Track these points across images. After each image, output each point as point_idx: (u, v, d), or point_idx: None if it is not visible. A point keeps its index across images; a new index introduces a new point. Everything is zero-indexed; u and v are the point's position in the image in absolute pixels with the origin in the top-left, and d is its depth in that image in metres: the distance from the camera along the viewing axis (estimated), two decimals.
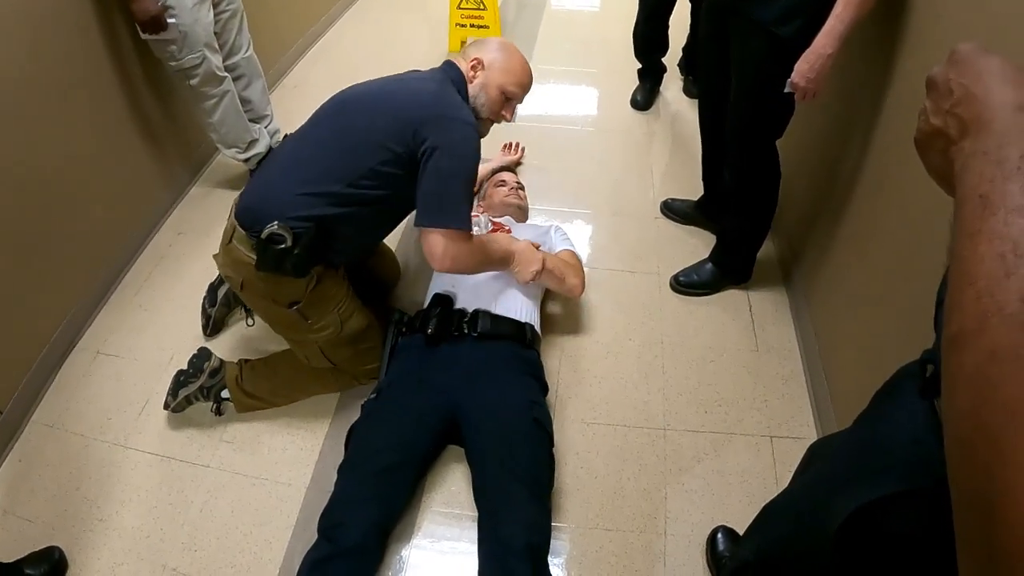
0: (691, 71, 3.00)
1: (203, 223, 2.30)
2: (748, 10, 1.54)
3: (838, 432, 0.98)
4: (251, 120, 2.37)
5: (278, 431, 1.71)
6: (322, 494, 1.48)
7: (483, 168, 2.38)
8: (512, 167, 2.54)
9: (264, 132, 2.42)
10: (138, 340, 1.95)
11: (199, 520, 1.54)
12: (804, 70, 1.45)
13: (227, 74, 2.18)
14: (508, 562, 1.30)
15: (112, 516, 1.54)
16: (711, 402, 1.77)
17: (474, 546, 1.39)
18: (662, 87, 3.02)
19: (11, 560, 1.41)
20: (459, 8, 3.29)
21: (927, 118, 0.47)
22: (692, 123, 2.60)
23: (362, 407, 1.58)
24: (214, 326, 1.94)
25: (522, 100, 1.66)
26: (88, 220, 1.97)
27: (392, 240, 2.00)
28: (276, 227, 1.42)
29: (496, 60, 1.59)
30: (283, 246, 1.42)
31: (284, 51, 3.23)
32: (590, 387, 1.81)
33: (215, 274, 1.87)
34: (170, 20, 1.92)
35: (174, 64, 2.03)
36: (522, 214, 2.20)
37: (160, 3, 1.88)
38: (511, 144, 2.63)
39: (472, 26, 3.33)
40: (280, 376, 1.71)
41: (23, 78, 1.70)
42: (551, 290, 1.91)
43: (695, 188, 2.27)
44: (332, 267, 1.58)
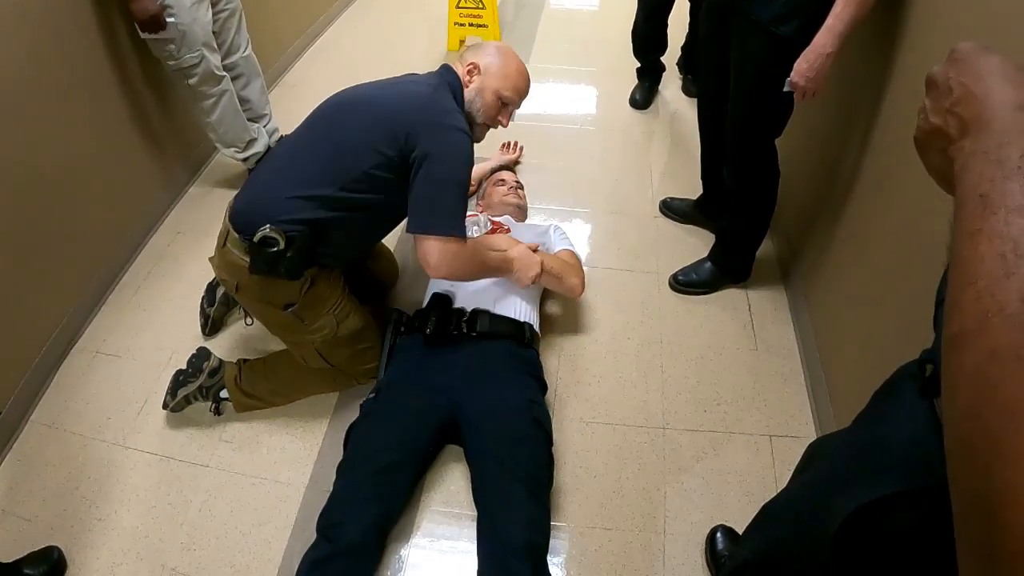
0: (690, 70, 3.00)
1: (202, 223, 2.30)
2: (748, 9, 1.54)
3: (837, 431, 0.98)
4: (250, 119, 2.36)
5: (277, 431, 1.71)
6: (321, 494, 1.48)
7: (482, 167, 2.38)
8: (511, 166, 2.54)
9: (263, 131, 2.42)
10: (137, 340, 1.94)
11: (198, 520, 1.54)
12: (803, 69, 1.45)
13: (225, 73, 2.18)
14: (507, 561, 1.30)
15: (111, 516, 1.54)
16: (710, 401, 1.77)
17: (473, 545, 1.39)
18: (661, 86, 3.02)
19: (10, 560, 1.41)
20: (458, 7, 3.29)
21: (927, 117, 0.47)
22: (691, 122, 2.60)
23: (361, 407, 1.57)
24: (213, 326, 1.94)
25: (519, 106, 1.64)
26: (87, 220, 1.97)
27: (391, 240, 2.00)
28: (269, 230, 1.41)
29: (493, 65, 1.58)
30: (276, 249, 1.41)
31: (283, 50, 3.23)
32: (589, 386, 1.81)
33: (213, 274, 1.86)
34: (169, 19, 1.92)
35: (173, 63, 2.03)
36: (521, 213, 2.20)
37: (159, 2, 1.88)
38: (510, 143, 2.62)
39: (471, 25, 3.33)
40: (279, 376, 1.71)
41: (23, 78, 1.70)
42: (551, 290, 1.91)
43: (694, 187, 2.27)
44: (327, 269, 1.57)
